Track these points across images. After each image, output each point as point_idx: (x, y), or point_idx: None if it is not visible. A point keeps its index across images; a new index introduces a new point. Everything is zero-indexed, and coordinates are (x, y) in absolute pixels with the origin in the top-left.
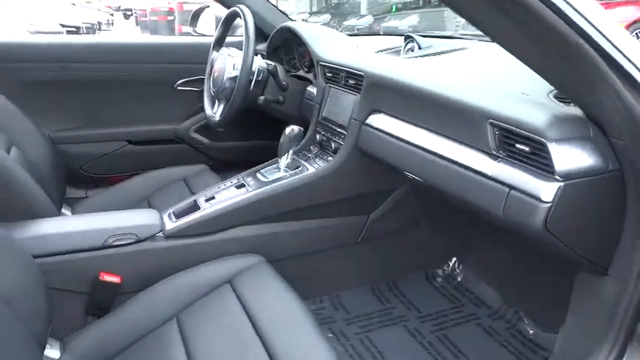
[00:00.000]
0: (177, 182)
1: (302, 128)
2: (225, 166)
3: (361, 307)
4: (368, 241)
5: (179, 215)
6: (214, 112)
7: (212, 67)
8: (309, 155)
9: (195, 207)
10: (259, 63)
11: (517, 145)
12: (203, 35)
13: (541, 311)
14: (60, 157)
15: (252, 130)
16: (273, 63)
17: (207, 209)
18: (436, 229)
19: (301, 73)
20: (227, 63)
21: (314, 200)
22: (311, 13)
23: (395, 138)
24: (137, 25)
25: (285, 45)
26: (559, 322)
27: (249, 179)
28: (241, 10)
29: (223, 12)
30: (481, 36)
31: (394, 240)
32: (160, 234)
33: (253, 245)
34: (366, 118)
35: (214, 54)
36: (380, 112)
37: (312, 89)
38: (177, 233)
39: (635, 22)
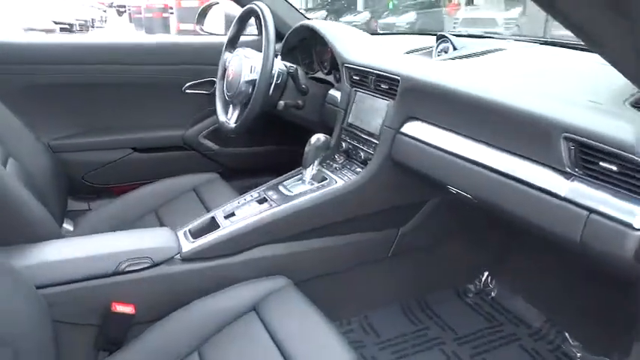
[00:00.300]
0: (187, 193)
1: (329, 137)
2: (237, 174)
3: (392, 328)
4: (397, 256)
5: (196, 234)
6: (229, 117)
7: (225, 69)
8: (335, 166)
9: (213, 225)
10: (278, 65)
11: (601, 164)
12: (211, 34)
13: (590, 332)
14: (60, 167)
15: (265, 135)
16: (293, 65)
17: (227, 227)
18: (468, 241)
19: (320, 75)
20: (243, 65)
21: (343, 215)
22: (307, 10)
23: (436, 148)
24: (131, 22)
25: (302, 45)
26: (611, 345)
27: (271, 193)
28: (259, 8)
29: (234, 9)
30: (516, 35)
31: (424, 255)
32: (177, 256)
33: (278, 266)
34: (401, 126)
35: (227, 55)
36: (417, 119)
37: (335, 93)
38: (195, 255)
39: None
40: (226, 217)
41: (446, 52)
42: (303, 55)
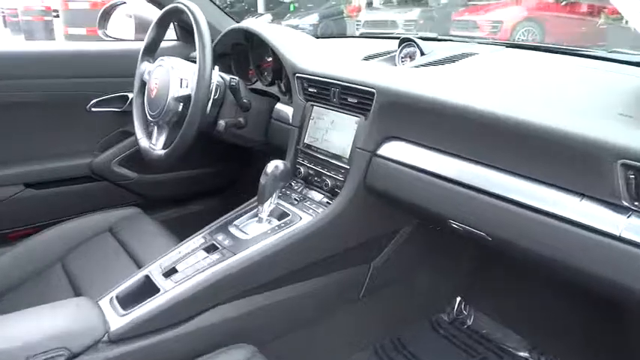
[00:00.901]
0: (101, 235)
1: (288, 164)
2: (161, 204)
3: None
4: (369, 294)
5: (127, 303)
6: (153, 142)
7: (144, 82)
8: (294, 196)
9: (149, 288)
10: (215, 77)
11: None
12: (118, 40)
13: (580, 355)
14: None
15: (193, 156)
16: (234, 77)
17: (170, 291)
18: (436, 267)
19: (259, 86)
20: (171, 78)
21: (311, 258)
22: None
23: (430, 174)
24: (6, 26)
25: (234, 52)
26: None
27: (220, 237)
28: (187, 7)
29: (145, 10)
30: (479, 38)
31: (396, 288)
32: (104, 338)
33: (238, 330)
34: (377, 147)
35: (145, 65)
36: (398, 139)
37: (283, 108)
38: (129, 333)
39: (520, 21)
40: (166, 274)
41: (412, 58)
42: (236, 63)
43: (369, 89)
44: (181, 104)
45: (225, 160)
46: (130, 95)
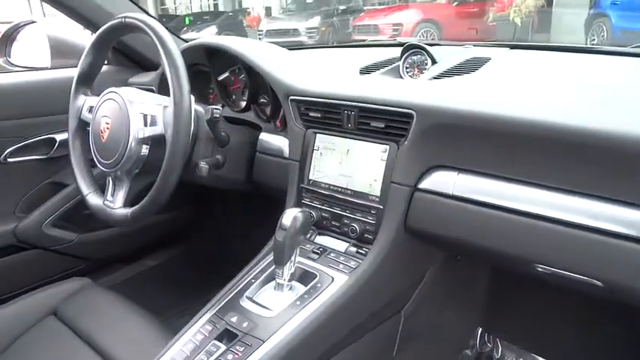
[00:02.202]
0: (43, 321)
1: (307, 211)
2: (110, 266)
3: None
4: (402, 349)
5: None
6: (109, 199)
7: (84, 121)
8: (310, 248)
9: None
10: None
11: None
12: (29, 69)
13: None
14: None
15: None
16: (217, 107)
17: None
18: (457, 302)
19: (227, 112)
20: (131, 114)
21: (352, 324)
22: None
23: (500, 209)
24: None
25: (190, 73)
26: None
27: (234, 319)
28: (141, 21)
29: (62, 30)
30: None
31: (424, 334)
32: None
33: None
34: (419, 181)
35: (83, 99)
36: (446, 167)
37: (271, 138)
38: None
39: (419, 22)
40: None
41: (420, 68)
42: (198, 86)
43: (406, 110)
44: (146, 147)
45: (178, 202)
46: (58, 137)
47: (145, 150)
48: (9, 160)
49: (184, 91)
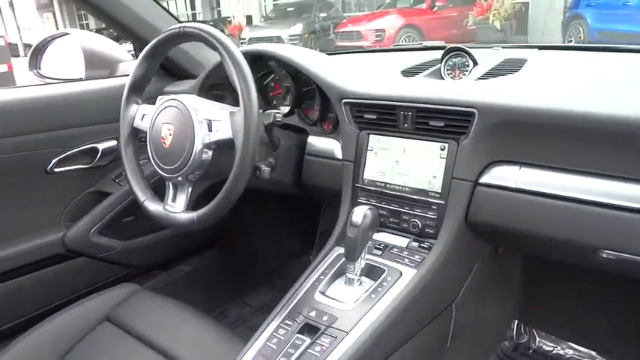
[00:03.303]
0: (98, 328)
1: (374, 209)
2: (149, 272)
3: None
4: (454, 340)
5: None
6: (170, 204)
7: (135, 129)
8: (372, 244)
9: None
10: None
11: None
12: (62, 80)
13: None
14: None
15: None
16: (278, 111)
17: None
18: (495, 295)
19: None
20: (194, 122)
21: (421, 316)
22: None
23: (565, 200)
24: None
25: (229, 81)
26: None
27: (313, 313)
28: (204, 31)
29: (95, 42)
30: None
31: (471, 326)
32: None
33: None
34: (480, 176)
35: (135, 108)
36: (506, 162)
37: (320, 141)
38: None
39: (401, 28)
40: None
41: (461, 69)
42: (232, 94)
43: (468, 109)
44: (211, 153)
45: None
46: (100, 147)
47: (207, 155)
48: (55, 170)
49: (253, 98)
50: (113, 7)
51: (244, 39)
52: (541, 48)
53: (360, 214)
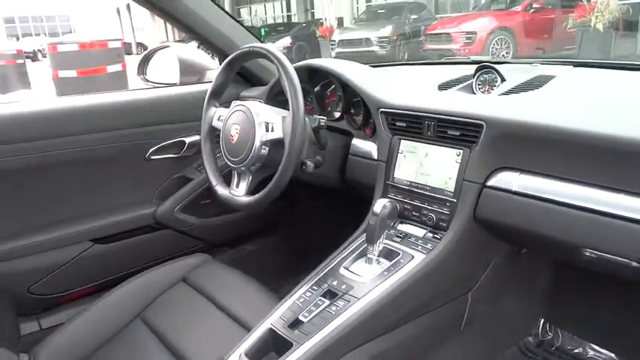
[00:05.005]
0: (175, 286)
1: (394, 202)
2: (220, 247)
3: None
4: (468, 325)
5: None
6: (234, 189)
7: (212, 127)
8: (394, 233)
9: (279, 342)
10: None
11: None
12: (162, 85)
13: None
14: None
15: None
16: (322, 117)
17: (304, 344)
18: (520, 292)
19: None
20: (256, 123)
21: (428, 294)
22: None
23: (556, 204)
24: None
25: None
26: None
27: (335, 282)
28: (267, 50)
29: (188, 53)
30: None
31: (488, 316)
32: None
33: None
34: (487, 179)
35: (214, 110)
36: (509, 169)
37: (362, 144)
38: None
39: (493, 30)
40: (291, 326)
41: (491, 85)
42: None
43: (477, 122)
44: (268, 149)
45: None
46: (187, 140)
47: (264, 151)
48: (152, 157)
49: (300, 105)
50: (200, 25)
51: (334, 41)
52: (577, 65)
53: (380, 205)
